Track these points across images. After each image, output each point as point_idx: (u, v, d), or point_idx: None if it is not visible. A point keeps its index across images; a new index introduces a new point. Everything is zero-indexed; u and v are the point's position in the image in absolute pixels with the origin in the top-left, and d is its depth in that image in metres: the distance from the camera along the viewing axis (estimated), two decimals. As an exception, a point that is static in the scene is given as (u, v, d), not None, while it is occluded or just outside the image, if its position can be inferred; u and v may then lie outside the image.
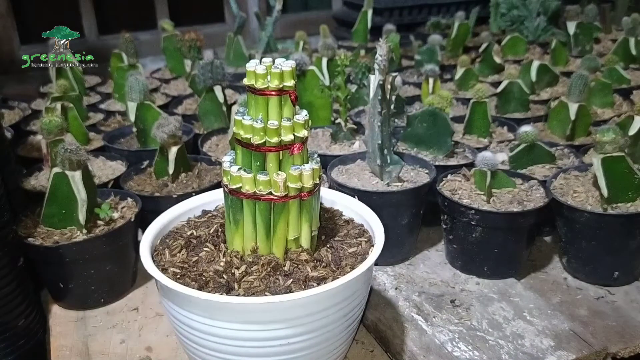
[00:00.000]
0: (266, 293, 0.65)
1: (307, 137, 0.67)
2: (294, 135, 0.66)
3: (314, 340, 0.66)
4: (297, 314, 0.64)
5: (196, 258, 0.72)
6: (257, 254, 0.70)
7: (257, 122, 0.65)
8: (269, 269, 0.68)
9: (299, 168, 0.66)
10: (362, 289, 0.71)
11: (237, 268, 0.69)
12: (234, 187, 0.67)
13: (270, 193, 0.66)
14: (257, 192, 0.66)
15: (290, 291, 0.65)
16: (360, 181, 1.00)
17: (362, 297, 0.72)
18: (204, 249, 0.73)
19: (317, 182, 0.69)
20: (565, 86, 1.38)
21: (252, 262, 0.70)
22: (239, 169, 0.67)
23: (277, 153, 0.66)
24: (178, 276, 0.68)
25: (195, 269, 0.70)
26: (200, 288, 0.66)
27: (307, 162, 0.68)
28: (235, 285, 0.66)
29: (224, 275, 0.68)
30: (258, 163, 0.67)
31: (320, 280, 0.67)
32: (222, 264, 0.70)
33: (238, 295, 0.65)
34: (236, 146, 0.68)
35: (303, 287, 0.66)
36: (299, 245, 0.71)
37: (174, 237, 0.77)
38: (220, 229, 0.75)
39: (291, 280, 0.67)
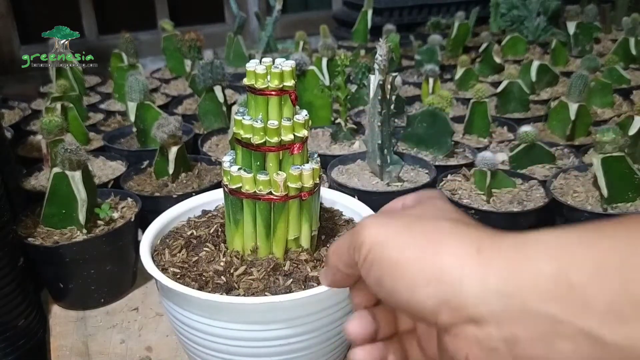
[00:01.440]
0: (266, 293, 0.65)
1: (307, 137, 0.67)
2: (294, 135, 0.66)
3: (314, 340, 0.66)
4: (297, 313, 0.64)
5: (196, 258, 0.72)
6: (257, 254, 0.70)
7: (257, 122, 0.65)
8: (269, 269, 0.68)
9: (299, 168, 0.66)
10: (362, 289, 0.71)
11: (237, 268, 0.69)
12: (234, 187, 0.67)
13: (271, 193, 0.66)
14: (257, 192, 0.66)
15: (290, 291, 0.65)
16: (360, 181, 1.00)
17: (362, 297, 0.72)
18: (204, 249, 0.73)
19: (317, 181, 0.69)
20: (565, 86, 1.39)
21: (252, 262, 0.70)
22: (239, 168, 0.67)
23: (277, 153, 0.66)
24: (178, 276, 0.68)
25: (195, 269, 0.70)
26: (200, 288, 0.66)
27: (307, 162, 0.68)
28: (235, 285, 0.66)
29: (224, 275, 0.68)
30: (258, 163, 0.67)
31: (320, 280, 0.67)
32: (222, 264, 0.70)
33: (238, 295, 0.65)
34: (236, 146, 0.68)
35: (303, 287, 0.66)
36: (299, 245, 0.71)
37: (174, 237, 0.77)
38: (220, 229, 0.75)
39: (291, 280, 0.67)
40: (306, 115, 0.67)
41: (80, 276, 0.89)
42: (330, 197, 0.85)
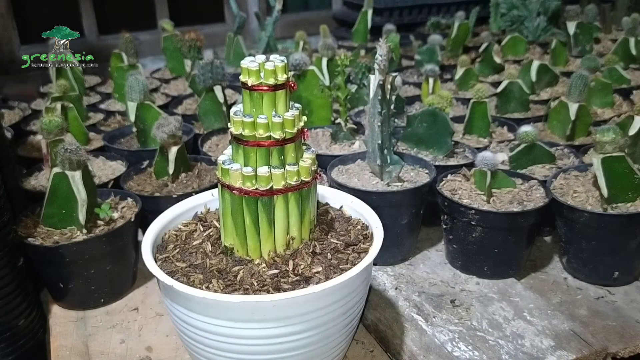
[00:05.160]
0: (266, 291, 0.65)
1: (299, 132, 0.68)
2: (295, 127, 0.67)
3: (313, 338, 0.66)
4: (296, 311, 0.64)
5: (197, 257, 0.72)
6: (256, 251, 0.70)
7: (248, 117, 0.66)
8: (267, 267, 0.68)
9: (309, 151, 0.66)
10: (361, 287, 0.71)
11: (237, 266, 0.69)
12: (230, 183, 0.67)
13: (271, 188, 0.66)
14: (259, 187, 0.67)
15: (289, 289, 0.65)
16: (360, 181, 1.00)
17: (362, 295, 0.72)
18: (205, 248, 0.73)
19: (315, 168, 0.70)
20: (565, 86, 1.38)
21: (251, 260, 0.70)
22: (235, 164, 0.67)
23: (277, 147, 0.67)
24: (179, 275, 0.68)
25: (196, 267, 0.70)
26: (201, 287, 0.66)
27: (303, 154, 0.69)
28: (236, 283, 0.67)
29: (224, 274, 0.68)
30: (255, 158, 0.67)
31: (319, 278, 0.67)
32: (222, 262, 0.70)
33: (238, 293, 0.65)
34: (233, 144, 0.69)
35: (302, 284, 0.66)
36: (298, 243, 0.71)
37: (174, 236, 0.77)
38: (219, 228, 0.76)
39: (290, 277, 0.67)
40: (299, 107, 0.68)
41: (80, 276, 0.89)
42: (329, 195, 0.85)
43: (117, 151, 1.20)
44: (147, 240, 0.74)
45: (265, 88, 0.65)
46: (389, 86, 0.93)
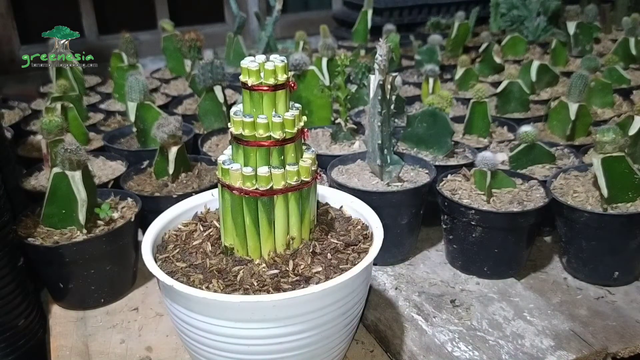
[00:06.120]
0: (266, 291, 0.65)
1: (299, 132, 0.68)
2: (295, 127, 0.67)
3: (313, 338, 0.66)
4: (296, 311, 0.64)
5: (197, 257, 0.72)
6: (256, 251, 0.70)
7: (248, 117, 0.66)
8: (267, 267, 0.68)
9: (309, 151, 0.66)
10: (361, 287, 0.71)
11: (237, 266, 0.69)
12: (230, 183, 0.67)
13: (271, 188, 0.66)
14: (259, 187, 0.67)
15: (289, 289, 0.65)
16: (360, 181, 1.00)
17: (362, 295, 0.72)
18: (205, 248, 0.73)
19: (315, 168, 0.70)
20: (565, 86, 1.38)
21: (251, 260, 0.70)
22: (235, 164, 0.67)
23: (277, 147, 0.67)
24: (179, 275, 0.68)
25: (196, 267, 0.70)
26: (201, 287, 0.66)
27: (303, 154, 0.69)
28: (236, 283, 0.67)
29: (224, 274, 0.68)
30: (255, 158, 0.67)
31: (319, 278, 0.67)
32: (222, 262, 0.70)
33: (238, 293, 0.65)
34: (233, 144, 0.69)
35: (302, 284, 0.66)
36: (297, 243, 0.71)
37: (174, 236, 0.77)
38: (219, 228, 0.75)
39: (290, 277, 0.67)
40: (299, 107, 0.68)
41: (80, 276, 0.89)
42: (329, 195, 0.85)
43: (117, 151, 1.20)
44: (147, 240, 0.74)
45: (265, 88, 0.65)
46: (389, 86, 0.93)
